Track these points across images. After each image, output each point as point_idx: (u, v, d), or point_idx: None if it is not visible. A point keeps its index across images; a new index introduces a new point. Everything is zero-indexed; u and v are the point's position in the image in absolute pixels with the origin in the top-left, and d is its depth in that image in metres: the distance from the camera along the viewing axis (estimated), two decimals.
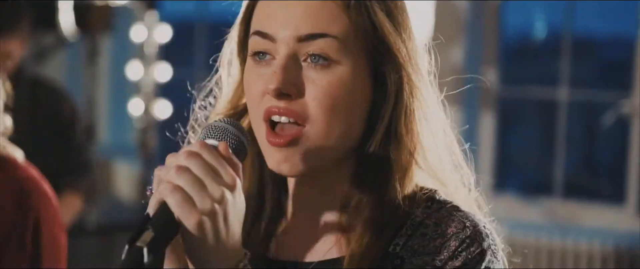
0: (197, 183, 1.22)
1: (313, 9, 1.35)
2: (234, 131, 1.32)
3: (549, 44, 7.31)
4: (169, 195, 1.21)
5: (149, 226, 1.19)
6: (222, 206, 1.23)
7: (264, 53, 1.37)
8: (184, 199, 1.21)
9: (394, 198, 1.37)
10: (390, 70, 1.38)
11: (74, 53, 7.80)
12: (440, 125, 1.44)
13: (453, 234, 1.35)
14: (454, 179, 1.46)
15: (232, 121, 1.35)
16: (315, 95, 1.34)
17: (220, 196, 1.23)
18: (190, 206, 1.21)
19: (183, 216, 1.21)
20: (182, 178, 1.22)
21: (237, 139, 1.32)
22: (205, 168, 1.23)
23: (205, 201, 1.21)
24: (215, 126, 1.32)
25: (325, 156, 1.37)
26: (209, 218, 1.22)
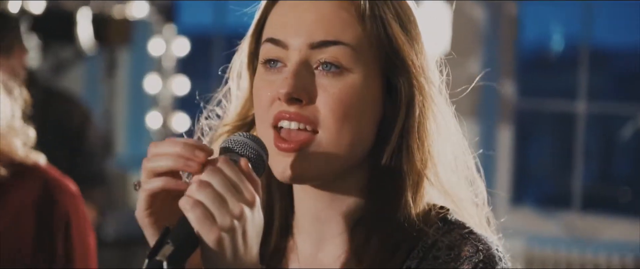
0: (218, 199, 1.21)
1: (326, 17, 1.34)
2: (253, 145, 1.31)
3: (566, 56, 7.30)
4: (189, 210, 1.21)
5: (169, 240, 1.19)
6: (241, 222, 1.22)
7: (276, 61, 1.36)
8: (204, 215, 1.20)
9: (407, 214, 1.36)
10: (403, 81, 1.37)
11: (93, 67, 7.84)
12: (452, 139, 1.43)
13: (466, 258, 1.33)
14: (465, 195, 1.44)
15: (251, 135, 1.33)
16: (326, 102, 1.33)
17: (239, 212, 1.22)
18: (210, 222, 1.20)
19: (203, 232, 1.20)
20: (203, 194, 1.21)
21: (256, 153, 1.31)
22: (226, 184, 1.22)
23: (225, 218, 1.21)
24: (234, 140, 1.31)
25: (333, 165, 1.35)
26: (228, 234, 1.21)
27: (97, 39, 6.22)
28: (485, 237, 1.36)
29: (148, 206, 1.26)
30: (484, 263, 1.32)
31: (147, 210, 1.26)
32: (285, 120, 1.34)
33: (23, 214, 2.19)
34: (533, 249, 6.16)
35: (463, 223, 1.38)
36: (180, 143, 1.24)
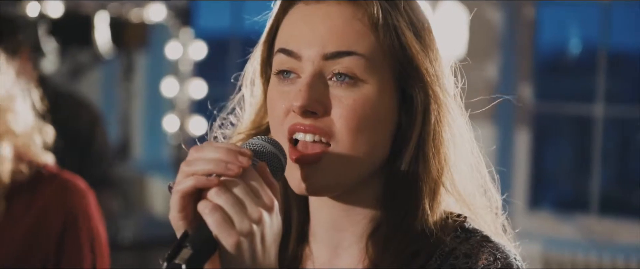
0: (237, 204, 1.21)
1: (339, 27, 1.34)
2: (271, 149, 1.31)
3: (584, 59, 7.27)
4: (208, 214, 1.21)
5: (187, 244, 1.19)
6: (260, 227, 1.22)
7: (289, 72, 1.36)
8: (223, 219, 1.20)
9: (424, 223, 1.35)
10: (418, 90, 1.36)
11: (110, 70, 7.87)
12: (467, 147, 1.42)
13: (484, 267, 1.32)
14: (480, 202, 1.43)
15: (269, 138, 1.33)
16: (341, 113, 1.33)
17: (258, 217, 1.22)
18: (229, 226, 1.20)
19: (222, 236, 1.20)
20: (222, 198, 1.21)
21: (274, 157, 1.31)
22: (245, 189, 1.23)
23: (244, 222, 1.21)
24: (254, 143, 1.31)
25: (349, 176, 1.35)
26: (247, 238, 1.21)
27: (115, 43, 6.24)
28: (503, 245, 1.36)
29: (181, 208, 1.25)
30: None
31: (181, 213, 1.25)
32: (301, 132, 1.33)
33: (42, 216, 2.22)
34: (550, 252, 6.14)
35: (481, 231, 1.38)
36: (222, 148, 1.24)
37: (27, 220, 2.23)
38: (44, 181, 2.25)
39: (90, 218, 2.26)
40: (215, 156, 1.23)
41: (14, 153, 2.22)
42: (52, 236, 2.23)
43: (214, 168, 1.23)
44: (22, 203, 2.24)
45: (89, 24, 6.11)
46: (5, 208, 2.22)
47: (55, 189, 2.25)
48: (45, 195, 2.24)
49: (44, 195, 2.24)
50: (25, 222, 2.23)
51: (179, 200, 1.24)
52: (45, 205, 2.24)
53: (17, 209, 2.24)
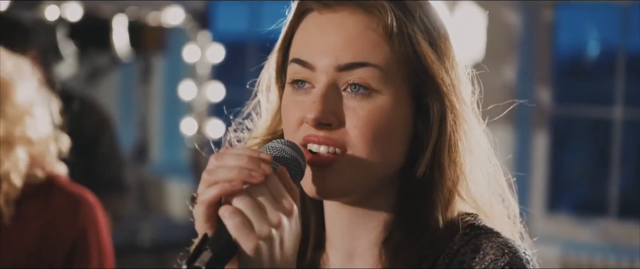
0: (257, 208, 1.22)
1: (353, 38, 1.33)
2: (291, 152, 1.31)
3: (602, 62, 7.24)
4: (228, 218, 1.21)
5: (207, 247, 1.20)
6: (279, 231, 1.22)
7: (303, 82, 1.35)
8: (243, 223, 1.21)
9: (435, 230, 1.35)
10: (434, 100, 1.35)
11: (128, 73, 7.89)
12: (484, 156, 1.41)
13: (491, 261, 1.32)
14: (497, 211, 1.43)
15: (289, 142, 1.33)
16: (355, 124, 1.32)
17: (278, 221, 1.22)
18: (248, 230, 1.21)
19: (241, 240, 1.21)
20: (242, 202, 1.22)
21: (294, 161, 1.31)
22: (265, 193, 1.23)
23: (263, 226, 1.21)
24: (273, 147, 1.31)
25: (362, 181, 1.35)
26: (266, 242, 1.21)
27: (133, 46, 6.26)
28: (511, 241, 1.35)
29: (207, 218, 1.24)
30: (510, 266, 1.31)
31: (207, 222, 1.24)
32: (314, 144, 1.33)
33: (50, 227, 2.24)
34: (569, 256, 6.12)
35: (490, 228, 1.37)
36: (244, 156, 1.24)
37: (35, 229, 2.26)
38: (54, 192, 2.28)
39: (98, 233, 2.29)
40: (238, 163, 1.23)
41: (28, 159, 2.25)
42: (60, 249, 2.24)
43: (237, 175, 1.23)
44: (32, 210, 2.26)
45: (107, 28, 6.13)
46: (14, 213, 2.24)
47: (65, 202, 2.27)
48: (55, 206, 2.26)
49: (54, 207, 2.26)
50: (33, 230, 2.25)
51: (204, 210, 1.24)
52: (55, 217, 2.26)
53: (27, 215, 2.26)
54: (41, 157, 2.28)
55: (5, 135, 2.23)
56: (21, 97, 2.27)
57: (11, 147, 2.23)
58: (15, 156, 2.23)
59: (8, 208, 2.22)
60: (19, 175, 2.24)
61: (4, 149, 2.22)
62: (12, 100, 2.25)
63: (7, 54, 2.31)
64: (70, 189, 2.29)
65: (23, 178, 2.25)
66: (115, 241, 2.53)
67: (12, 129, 2.23)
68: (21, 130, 2.25)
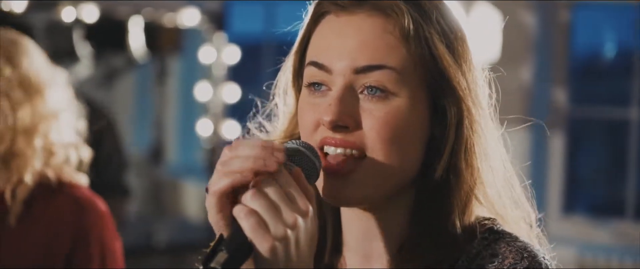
0: (272, 209, 1.22)
1: (370, 40, 1.33)
2: (306, 153, 1.31)
3: (619, 62, 7.22)
4: (243, 218, 1.21)
5: (223, 248, 1.20)
6: (294, 232, 1.23)
7: (320, 84, 1.35)
8: (258, 223, 1.21)
9: (453, 234, 1.34)
10: (450, 103, 1.35)
11: (144, 75, 7.91)
12: (500, 160, 1.41)
13: (510, 266, 1.31)
14: (514, 215, 1.42)
15: (304, 143, 1.33)
16: (372, 126, 1.32)
17: (293, 222, 1.22)
18: (264, 231, 1.21)
19: (256, 240, 1.21)
20: (257, 202, 1.22)
21: (309, 161, 1.31)
22: (280, 194, 1.23)
23: (278, 227, 1.21)
24: (289, 147, 1.31)
25: (380, 189, 1.35)
26: (282, 243, 1.21)
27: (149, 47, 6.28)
28: (530, 245, 1.35)
29: (219, 208, 1.25)
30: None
31: (220, 213, 1.25)
32: (331, 146, 1.33)
33: (58, 230, 2.27)
34: (585, 257, 6.10)
35: (509, 233, 1.37)
36: (257, 145, 1.24)
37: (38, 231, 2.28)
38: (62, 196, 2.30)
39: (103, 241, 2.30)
40: (251, 153, 1.23)
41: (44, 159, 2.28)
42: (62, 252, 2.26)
43: (252, 165, 1.23)
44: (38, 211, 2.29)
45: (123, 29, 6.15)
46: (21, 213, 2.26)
47: (70, 207, 2.30)
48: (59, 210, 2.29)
49: (58, 210, 2.29)
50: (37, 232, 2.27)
51: (216, 201, 1.24)
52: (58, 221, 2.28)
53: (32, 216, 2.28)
54: (58, 162, 2.31)
55: (30, 127, 2.28)
56: (52, 99, 2.33)
57: (30, 141, 2.27)
58: (32, 151, 2.27)
59: (16, 207, 2.25)
60: (31, 173, 2.27)
61: (23, 140, 2.27)
62: (44, 99, 2.31)
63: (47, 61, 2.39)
64: (78, 194, 2.31)
65: (35, 176, 2.28)
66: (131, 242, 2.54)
67: (36, 124, 2.28)
68: (45, 129, 2.30)
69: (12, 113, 2.27)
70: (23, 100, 2.29)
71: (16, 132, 2.27)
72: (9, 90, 2.28)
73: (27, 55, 2.34)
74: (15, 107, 2.28)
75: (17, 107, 2.28)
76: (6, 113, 2.27)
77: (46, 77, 2.35)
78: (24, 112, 2.28)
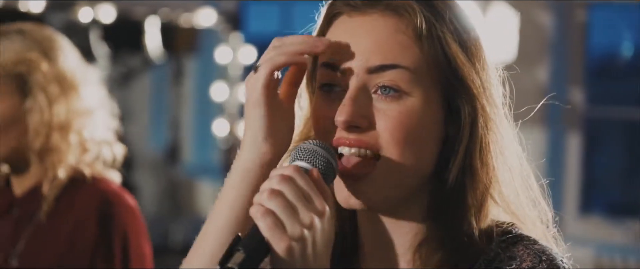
0: (289, 209, 1.22)
1: (383, 40, 1.32)
2: (323, 153, 1.31)
3: (636, 62, 7.19)
4: (260, 218, 1.22)
5: (240, 248, 1.20)
6: (311, 232, 1.23)
7: (333, 86, 1.35)
8: (275, 223, 1.21)
9: (469, 234, 1.34)
10: (464, 102, 1.34)
11: (160, 75, 7.93)
12: (516, 159, 1.40)
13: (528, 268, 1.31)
14: (530, 215, 1.41)
15: (320, 142, 1.33)
16: (386, 126, 1.31)
17: (310, 222, 1.23)
18: (280, 231, 1.21)
19: (273, 240, 1.21)
20: (274, 203, 1.22)
21: (326, 161, 1.31)
22: (297, 194, 1.23)
23: (295, 227, 1.22)
24: (305, 148, 1.31)
25: (396, 191, 1.34)
26: (299, 243, 1.22)
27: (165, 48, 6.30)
28: (549, 248, 1.34)
29: (267, 83, 1.32)
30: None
31: (266, 89, 1.32)
32: (345, 147, 1.33)
33: (84, 223, 2.29)
34: (602, 258, 6.08)
35: (528, 236, 1.36)
36: (303, 35, 1.32)
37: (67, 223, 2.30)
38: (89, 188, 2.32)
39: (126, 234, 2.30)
40: (300, 38, 1.31)
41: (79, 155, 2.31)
42: (88, 245, 2.28)
43: (301, 47, 1.31)
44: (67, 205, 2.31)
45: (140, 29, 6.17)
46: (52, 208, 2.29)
47: (96, 197, 2.31)
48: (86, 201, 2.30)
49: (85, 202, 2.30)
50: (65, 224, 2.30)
51: (267, 74, 1.31)
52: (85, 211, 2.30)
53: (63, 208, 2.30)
54: (90, 159, 2.33)
55: (65, 123, 2.31)
56: (87, 96, 2.37)
57: (65, 137, 2.31)
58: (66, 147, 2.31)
59: (48, 202, 2.28)
60: (65, 169, 2.30)
61: (58, 135, 2.30)
62: (79, 96, 2.35)
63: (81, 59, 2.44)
64: (106, 188, 2.34)
65: (68, 172, 2.31)
66: None
67: (71, 120, 2.32)
68: (79, 125, 2.33)
69: (49, 109, 2.30)
70: (59, 95, 2.32)
71: (52, 127, 2.30)
72: (46, 85, 2.31)
73: (63, 51, 2.38)
74: (52, 102, 2.31)
75: (53, 102, 2.31)
76: (43, 108, 2.30)
77: (80, 74, 2.38)
78: (59, 107, 2.31)
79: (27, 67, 2.31)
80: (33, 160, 2.31)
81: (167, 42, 6.27)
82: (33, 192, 2.33)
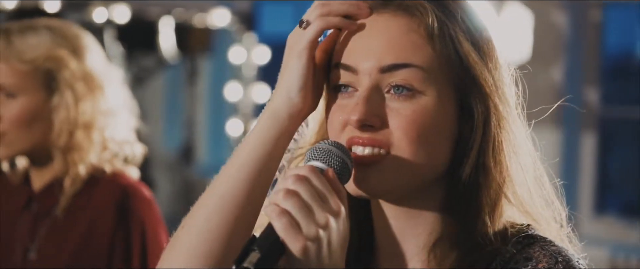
0: (305, 209, 1.23)
1: (395, 40, 1.33)
2: (338, 153, 1.31)
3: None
4: (275, 218, 1.22)
5: (255, 248, 1.21)
6: (327, 232, 1.23)
7: (346, 86, 1.36)
8: (290, 223, 1.22)
9: (484, 233, 1.34)
10: (477, 100, 1.35)
11: (174, 75, 7.95)
12: (529, 158, 1.40)
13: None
14: (544, 214, 1.41)
15: (335, 142, 1.33)
16: (399, 125, 1.32)
17: (325, 222, 1.23)
18: (296, 231, 1.22)
19: (288, 240, 1.22)
20: (289, 203, 1.23)
21: (341, 161, 1.31)
22: (313, 194, 1.24)
23: (310, 227, 1.22)
24: (320, 148, 1.31)
25: (407, 180, 1.34)
26: (314, 243, 1.22)
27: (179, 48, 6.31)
28: (565, 249, 1.34)
29: (314, 37, 1.35)
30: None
31: (311, 42, 1.35)
32: (359, 146, 1.33)
33: (102, 216, 2.31)
34: (617, 258, 6.06)
35: (544, 237, 1.36)
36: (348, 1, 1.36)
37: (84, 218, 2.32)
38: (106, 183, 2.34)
39: (144, 225, 2.32)
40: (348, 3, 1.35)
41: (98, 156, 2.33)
42: (105, 236, 2.29)
43: (352, 9, 1.34)
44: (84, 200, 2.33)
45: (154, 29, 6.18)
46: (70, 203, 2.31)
47: (113, 190, 2.34)
48: (103, 195, 2.32)
49: (102, 196, 2.32)
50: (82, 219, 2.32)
51: (317, 31, 1.35)
52: (102, 205, 2.32)
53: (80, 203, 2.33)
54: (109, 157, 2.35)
55: (89, 121, 2.34)
56: (111, 96, 2.40)
57: (89, 135, 2.33)
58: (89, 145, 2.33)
59: (65, 198, 2.31)
60: (85, 167, 2.32)
61: (82, 133, 2.33)
62: (104, 95, 2.38)
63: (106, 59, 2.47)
64: (123, 181, 2.36)
65: (88, 170, 2.33)
66: None
67: (95, 119, 2.35)
68: (102, 125, 2.36)
69: (75, 106, 2.32)
70: (86, 93, 2.34)
71: (77, 125, 2.32)
72: (73, 83, 2.33)
73: (91, 50, 2.40)
74: (79, 99, 2.33)
75: (80, 100, 2.33)
76: (69, 106, 2.32)
77: (106, 74, 2.41)
78: (85, 105, 2.34)
79: (56, 64, 2.33)
80: (56, 156, 2.33)
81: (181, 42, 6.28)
82: (51, 187, 2.35)
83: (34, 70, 2.32)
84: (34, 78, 2.32)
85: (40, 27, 2.37)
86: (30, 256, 2.33)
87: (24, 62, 2.30)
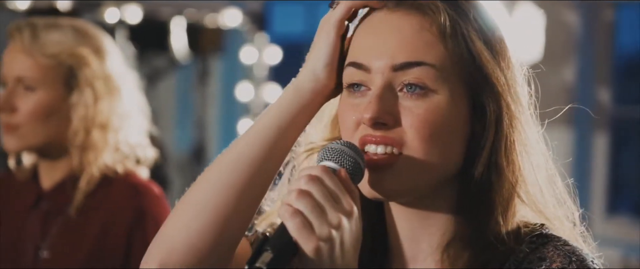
0: (317, 209, 1.23)
1: (408, 38, 1.33)
2: (350, 153, 1.31)
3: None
4: (288, 219, 1.22)
5: (268, 248, 1.21)
6: (339, 232, 1.23)
7: (359, 85, 1.36)
8: (303, 224, 1.22)
9: (497, 233, 1.34)
10: (489, 99, 1.35)
11: (186, 75, 7.95)
12: (541, 158, 1.40)
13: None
14: (557, 213, 1.41)
15: (348, 143, 1.33)
16: (412, 123, 1.32)
17: (338, 222, 1.23)
18: (308, 231, 1.22)
19: (301, 241, 1.22)
20: (302, 203, 1.23)
21: (353, 161, 1.31)
22: (325, 194, 1.24)
23: (323, 227, 1.22)
24: (333, 148, 1.31)
25: (421, 181, 1.35)
26: (327, 243, 1.22)
27: (191, 48, 6.32)
28: (579, 249, 1.34)
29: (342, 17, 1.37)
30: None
31: (340, 21, 1.37)
32: (372, 144, 1.33)
33: (116, 217, 2.32)
34: (630, 259, 6.04)
35: (557, 237, 1.36)
36: None
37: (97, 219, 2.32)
38: (118, 183, 2.35)
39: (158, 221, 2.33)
40: None
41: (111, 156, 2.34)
42: (121, 236, 2.30)
43: None
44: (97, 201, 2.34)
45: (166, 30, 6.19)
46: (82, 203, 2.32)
47: (125, 190, 2.34)
48: (115, 196, 2.33)
49: (115, 196, 2.33)
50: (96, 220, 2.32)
51: (345, 10, 1.36)
52: (115, 205, 2.33)
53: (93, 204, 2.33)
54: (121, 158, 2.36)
55: (106, 122, 2.36)
56: (128, 99, 2.42)
57: (105, 135, 2.35)
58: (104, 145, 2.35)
59: (78, 198, 2.32)
60: (98, 167, 2.34)
61: (98, 133, 2.34)
62: (121, 97, 2.40)
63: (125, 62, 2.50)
64: (134, 180, 2.39)
65: (101, 170, 2.34)
66: None
67: (112, 119, 2.37)
68: (117, 126, 2.38)
69: (94, 105, 2.35)
70: (104, 94, 2.37)
71: (94, 124, 2.34)
72: (93, 82, 2.35)
73: (111, 52, 2.43)
74: (97, 99, 2.35)
75: (98, 99, 2.36)
76: (88, 104, 2.34)
77: (124, 77, 2.44)
78: (103, 105, 2.36)
79: (78, 61, 2.35)
80: (74, 154, 2.34)
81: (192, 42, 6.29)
82: (62, 186, 2.36)
83: (56, 65, 2.33)
84: (55, 74, 2.34)
85: (65, 25, 2.40)
86: (42, 255, 2.34)
87: (47, 57, 2.33)
